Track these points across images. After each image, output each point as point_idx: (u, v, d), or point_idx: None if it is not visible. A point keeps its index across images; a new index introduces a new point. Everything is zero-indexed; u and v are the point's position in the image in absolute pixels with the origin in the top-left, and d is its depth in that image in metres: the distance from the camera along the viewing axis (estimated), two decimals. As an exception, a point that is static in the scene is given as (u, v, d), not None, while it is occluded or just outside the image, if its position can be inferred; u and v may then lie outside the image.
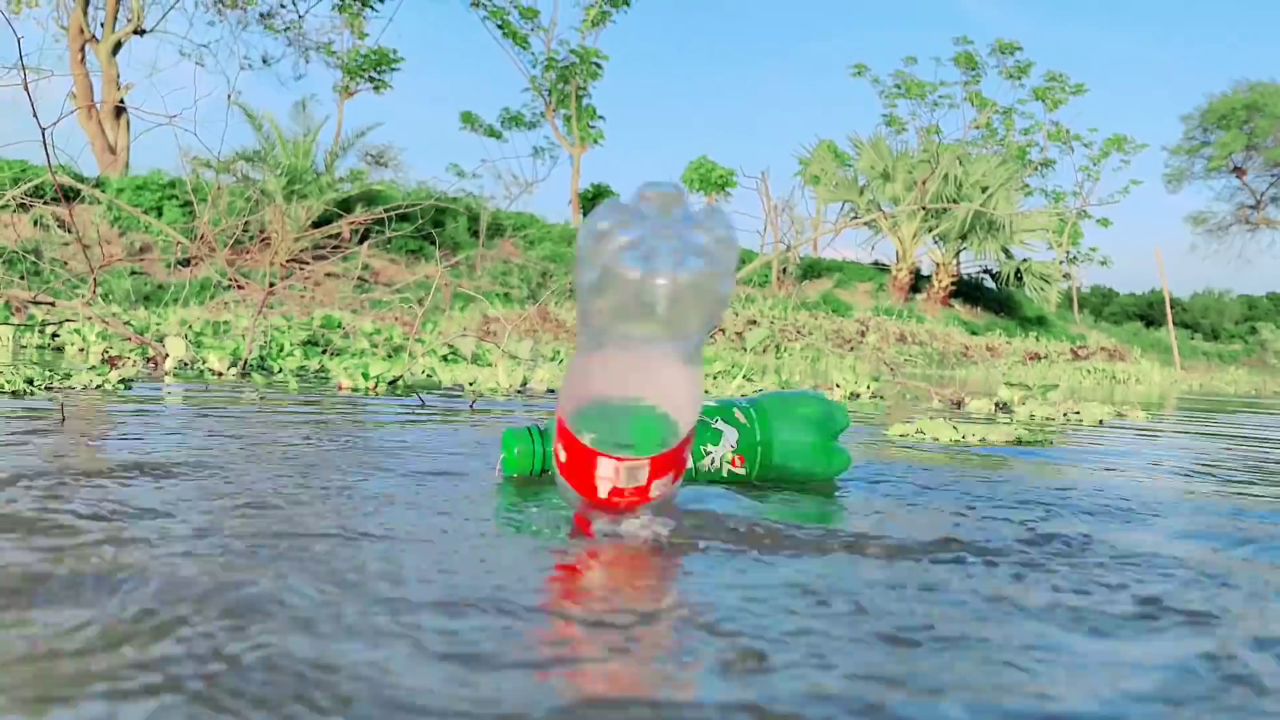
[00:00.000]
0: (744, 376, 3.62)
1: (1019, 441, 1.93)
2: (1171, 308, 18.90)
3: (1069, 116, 29.49)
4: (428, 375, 3.31)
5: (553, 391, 3.03)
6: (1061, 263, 21.50)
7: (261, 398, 2.27)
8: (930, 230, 18.40)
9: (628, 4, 22.14)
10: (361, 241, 12.00)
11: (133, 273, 11.24)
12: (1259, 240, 33.12)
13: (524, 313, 7.46)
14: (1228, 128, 28.33)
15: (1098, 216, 28.38)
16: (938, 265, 18.81)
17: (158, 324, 4.85)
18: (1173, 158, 30.23)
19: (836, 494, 1.19)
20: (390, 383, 2.82)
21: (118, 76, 16.87)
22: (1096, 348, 16.70)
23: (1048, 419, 2.76)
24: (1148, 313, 33.67)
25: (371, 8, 20.59)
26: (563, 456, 0.87)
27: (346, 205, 13.41)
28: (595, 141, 22.53)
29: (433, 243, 14.29)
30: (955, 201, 17.16)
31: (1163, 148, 31.10)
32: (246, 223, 9.66)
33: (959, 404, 3.18)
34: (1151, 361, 15.98)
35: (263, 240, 10.59)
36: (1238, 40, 66.92)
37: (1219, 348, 25.19)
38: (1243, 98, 27.96)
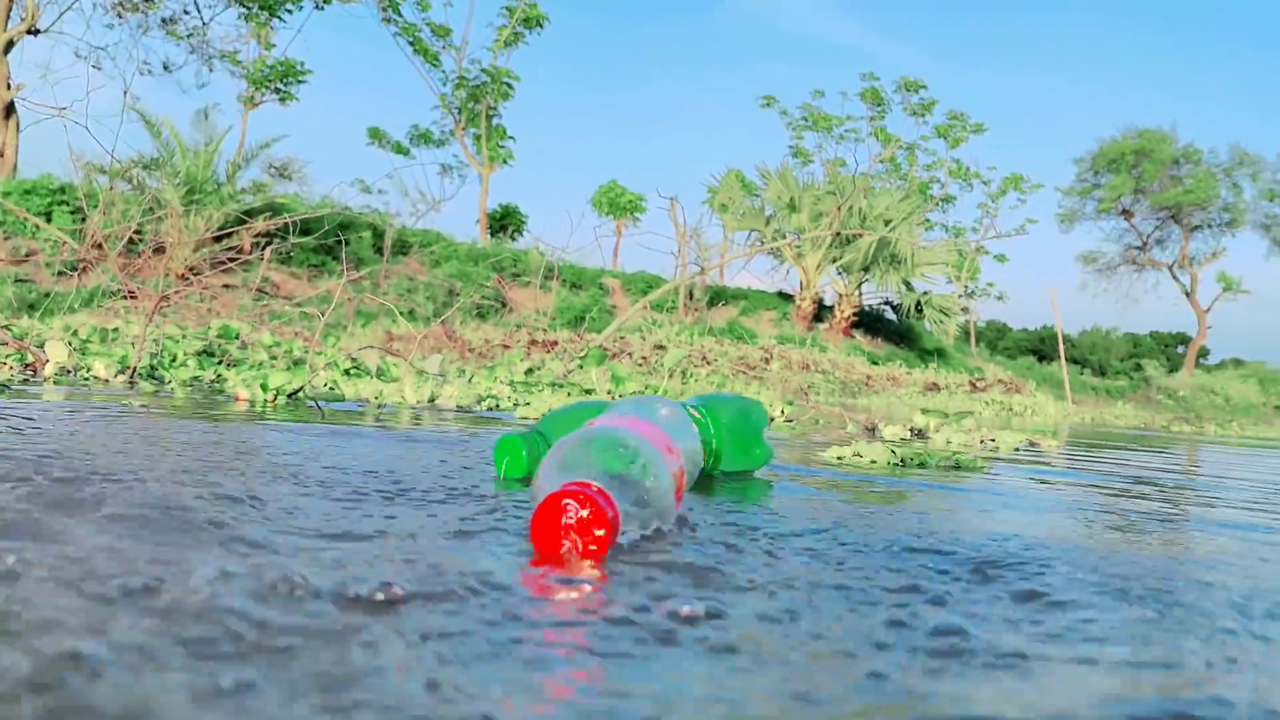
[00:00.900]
0: (657, 397, 3.55)
1: (957, 466, 1.91)
2: (1063, 344, 19.52)
3: (969, 154, 30.33)
4: (330, 388, 3.17)
5: (462, 408, 2.93)
6: (960, 296, 22.05)
7: (142, 405, 2.12)
8: (834, 261, 18.68)
9: (541, 26, 22.10)
10: (263, 252, 11.67)
11: (16, 280, 10.73)
12: (1145, 280, 34.32)
13: (428, 330, 7.30)
14: (1117, 171, 29.47)
15: (995, 253, 29.20)
16: (840, 296, 19.08)
17: (40, 331, 4.59)
18: (1065, 198, 31.33)
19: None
20: (290, 395, 2.68)
21: (8, 76, 16.18)
22: (994, 380, 17.11)
23: (964, 446, 2.75)
24: (1040, 347, 34.76)
25: (279, 18, 20.16)
26: None
27: (248, 216, 13.03)
28: (505, 161, 22.38)
29: (336, 257, 13.99)
30: (860, 232, 17.47)
31: (1056, 188, 32.17)
32: (140, 229, 9.31)
33: (873, 429, 3.17)
34: (1045, 395, 16.43)
35: (158, 249, 10.22)
36: (1128, 89, 69.94)
37: (1106, 383, 26.06)
38: (1131, 143, 29.14)
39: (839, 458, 1.97)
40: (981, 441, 2.88)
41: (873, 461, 1.90)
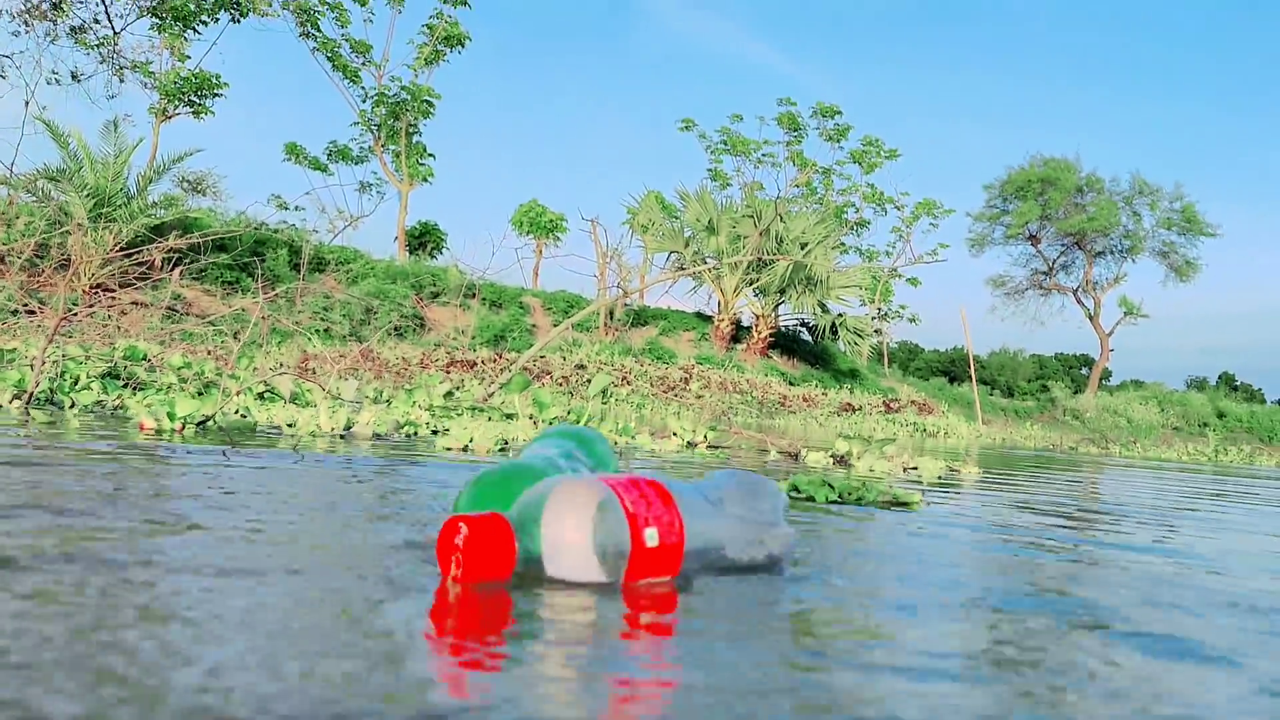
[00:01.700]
0: (583, 423, 3.53)
1: (895, 501, 1.92)
2: (974, 365, 19.94)
3: (883, 180, 30.95)
4: (242, 415, 3.08)
5: (380, 436, 2.87)
6: (873, 318, 22.41)
7: (25, 436, 2.04)
8: (751, 283, 18.87)
9: (462, 45, 22.01)
10: (174, 269, 11.38)
11: (-92, 293, 10.30)
12: (1051, 304, 35.37)
13: (345, 350, 7.18)
14: (1024, 198, 30.32)
15: (908, 275, 29.78)
16: (757, 317, 19.28)
17: (-66, 350, 4.40)
18: (975, 224, 32.13)
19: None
20: (199, 423, 2.60)
21: (-98, 81, 15.57)
22: (907, 401, 17.41)
23: (887, 473, 2.78)
24: (950, 368, 35.53)
25: (194, 29, 19.74)
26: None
27: (159, 231, 12.69)
28: (425, 179, 22.19)
29: (251, 274, 13.70)
30: (777, 255, 17.66)
31: (967, 214, 33.00)
32: (44, 244, 9.01)
33: (795, 456, 3.18)
34: (957, 415, 16.76)
35: (63, 264, 9.89)
36: (1035, 119, 72.07)
37: (1014, 404, 26.71)
38: (1038, 171, 30.03)
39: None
40: (905, 469, 2.91)
41: (810, 498, 1.89)
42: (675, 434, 3.49)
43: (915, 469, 2.86)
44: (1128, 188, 30.21)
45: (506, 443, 2.80)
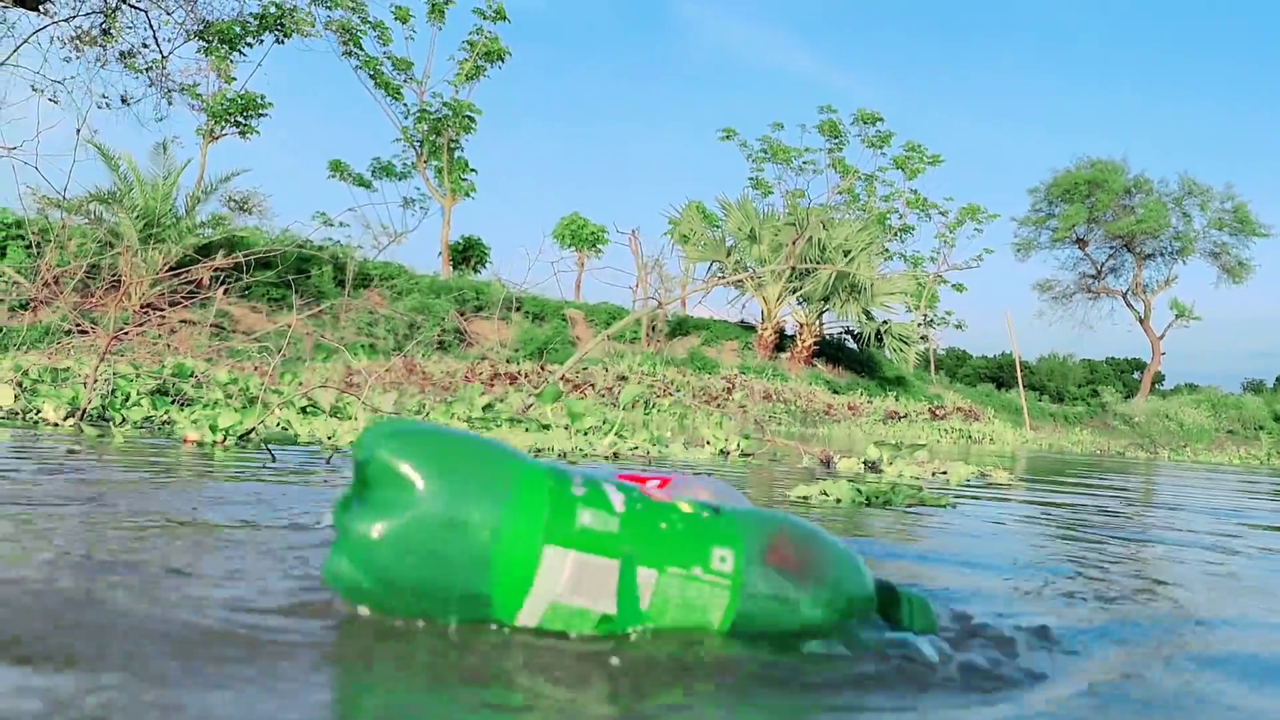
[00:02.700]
0: (615, 433, 3.56)
1: (921, 503, 1.93)
2: (1021, 370, 19.72)
3: (926, 185, 30.73)
4: (283, 428, 3.16)
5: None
6: (919, 325, 22.25)
7: (68, 450, 2.11)
8: (794, 291, 18.83)
9: (502, 60, 22.21)
10: (222, 288, 11.59)
11: (-30, 316, 10.59)
12: (1100, 308, 34.88)
13: (389, 364, 7.27)
14: (1071, 201, 29.93)
15: (953, 281, 29.55)
16: (801, 325, 19.22)
17: (-10, 370, 4.53)
18: (1021, 228, 31.77)
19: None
20: (241, 436, 2.67)
21: (-39, 110, 16.04)
22: (952, 408, 17.28)
23: (916, 478, 2.79)
24: (999, 374, 35.12)
25: (239, 51, 20.11)
26: None
27: (207, 251, 12.94)
28: (467, 194, 22.40)
29: (297, 291, 13.91)
30: (819, 263, 17.62)
31: (1012, 218, 32.63)
32: (95, 265, 9.22)
33: (828, 463, 3.20)
34: (1004, 422, 16.60)
35: (113, 284, 10.12)
36: (1082, 120, 71.24)
37: (1064, 409, 26.36)
38: (1085, 174, 29.64)
39: (804, 496, 1.99)
40: (933, 474, 2.91)
41: (838, 500, 1.92)
42: (708, 442, 3.51)
43: (944, 473, 2.86)
44: (1177, 188, 29.73)
45: (540, 452, 2.85)
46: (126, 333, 5.65)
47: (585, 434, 3.56)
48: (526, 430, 3.66)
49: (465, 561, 0.71)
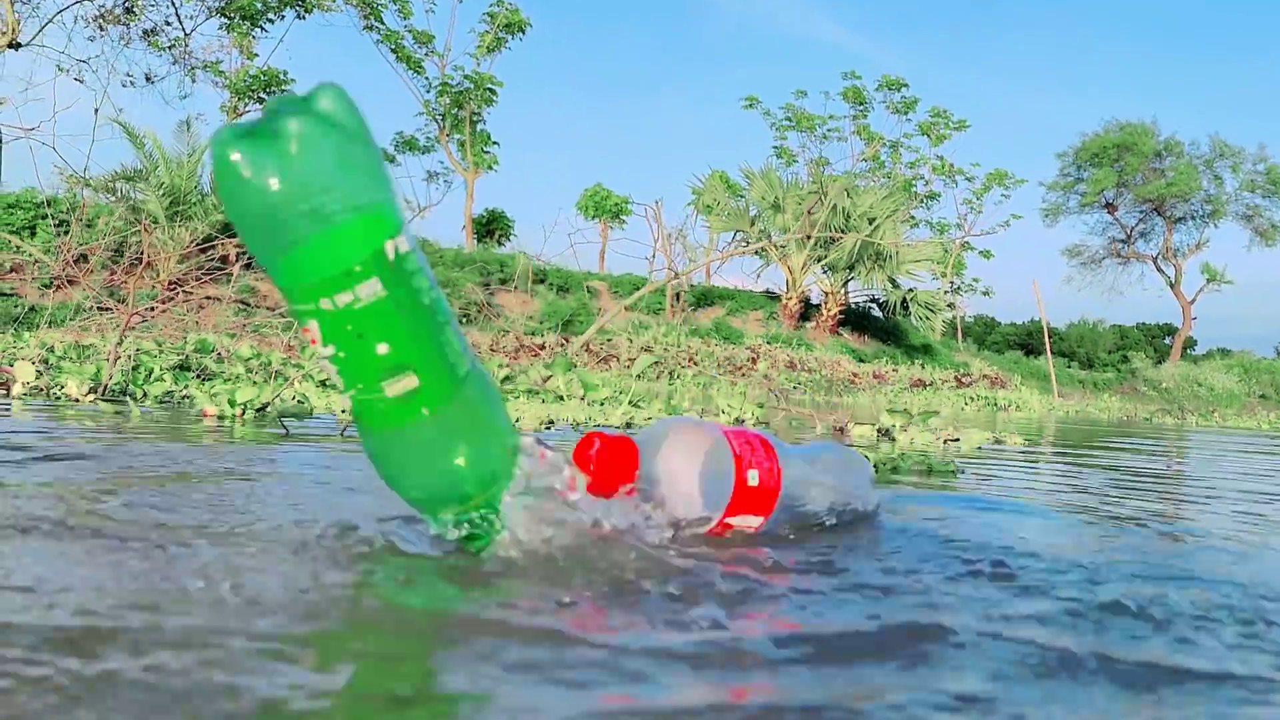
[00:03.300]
0: (630, 403, 3.58)
1: (929, 471, 1.94)
2: (1049, 337, 19.58)
3: (952, 151, 30.34)
4: (299, 402, 3.19)
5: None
6: (946, 293, 22.09)
7: (86, 425, 2.14)
8: (819, 260, 18.74)
9: (523, 31, 22.14)
10: (247, 264, 11.68)
11: (2, 295, 10.73)
12: (1130, 273, 34.65)
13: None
14: (1100, 165, 29.58)
15: (980, 248, 29.30)
16: (826, 294, 19.15)
17: (17, 348, 4.60)
18: (1049, 193, 31.45)
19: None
20: (259, 410, 2.70)
21: (-12, 90, 16.16)
22: (979, 375, 17.20)
23: (929, 445, 2.79)
24: (1027, 341, 34.85)
25: (261, 28, 20.16)
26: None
27: (232, 227, 13.03)
28: (490, 167, 22.40)
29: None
30: (844, 231, 17.52)
31: (1040, 183, 32.29)
32: (122, 243, 9.31)
33: (842, 430, 3.20)
34: (1031, 389, 16.50)
35: (139, 261, 10.22)
36: (1110, 82, 70.23)
37: (1093, 375, 26.16)
38: (1114, 137, 29.26)
39: None
40: (945, 441, 2.91)
41: None
42: (723, 411, 3.52)
43: (957, 440, 2.86)
44: (1208, 150, 29.31)
45: (553, 422, 2.87)
46: (152, 309, 5.71)
47: (600, 404, 3.58)
48: (543, 401, 3.69)
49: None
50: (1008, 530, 1.22)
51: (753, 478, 1.03)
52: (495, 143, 22.58)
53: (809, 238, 17.37)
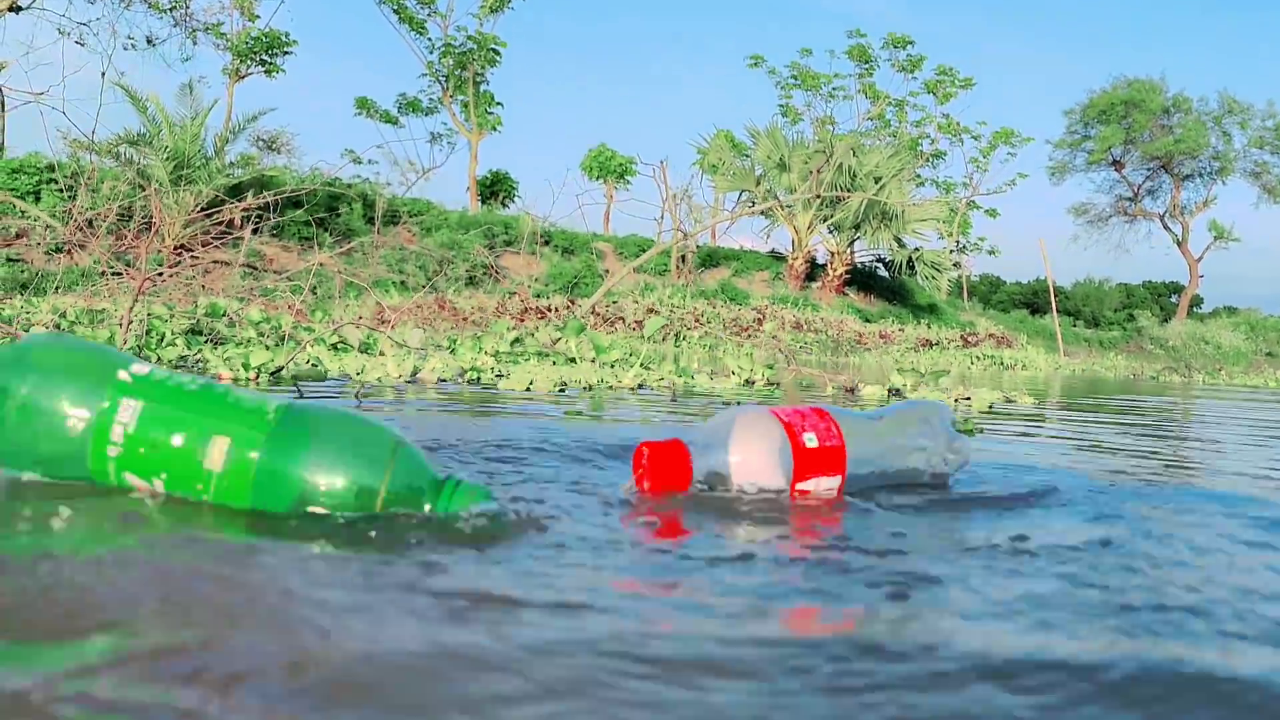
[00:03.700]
0: (641, 365, 3.60)
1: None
2: (1055, 296, 19.53)
3: (959, 110, 30.18)
4: (313, 365, 3.21)
5: (444, 380, 2.97)
6: (952, 252, 22.01)
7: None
8: (825, 220, 18.66)
9: (526, -10, 21.97)
10: (254, 229, 11.68)
11: (8, 260, 10.74)
12: (1136, 231, 34.35)
13: (420, 300, 7.32)
14: (1107, 122, 29.34)
15: (986, 206, 29.15)
16: (832, 254, 19.09)
17: (30, 313, 4.62)
18: (1056, 151, 31.23)
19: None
20: (273, 373, 2.73)
21: (-10, 54, 16.07)
22: (985, 335, 17.17)
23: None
24: (1033, 300, 34.79)
25: (262, -12, 20.02)
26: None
27: (237, 191, 13.01)
28: (493, 128, 22.30)
29: (327, 229, 13.97)
30: (850, 191, 17.44)
31: (1046, 141, 32.09)
32: (129, 207, 9.30)
33: (852, 390, 3.22)
34: (1037, 348, 16.49)
35: (146, 226, 10.22)
36: (1118, 39, 69.50)
37: (1099, 334, 26.13)
38: (1121, 94, 29.00)
39: None
40: (956, 400, 2.93)
41: None
42: (733, 372, 3.54)
43: (968, 399, 2.87)
44: (1217, 107, 29.05)
45: (565, 385, 2.89)
46: (161, 274, 5.72)
47: (611, 366, 3.60)
48: (554, 364, 3.70)
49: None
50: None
51: (810, 440, 1.06)
52: (499, 104, 22.47)
53: (818, 197, 17.30)
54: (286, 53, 20.74)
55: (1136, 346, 21.11)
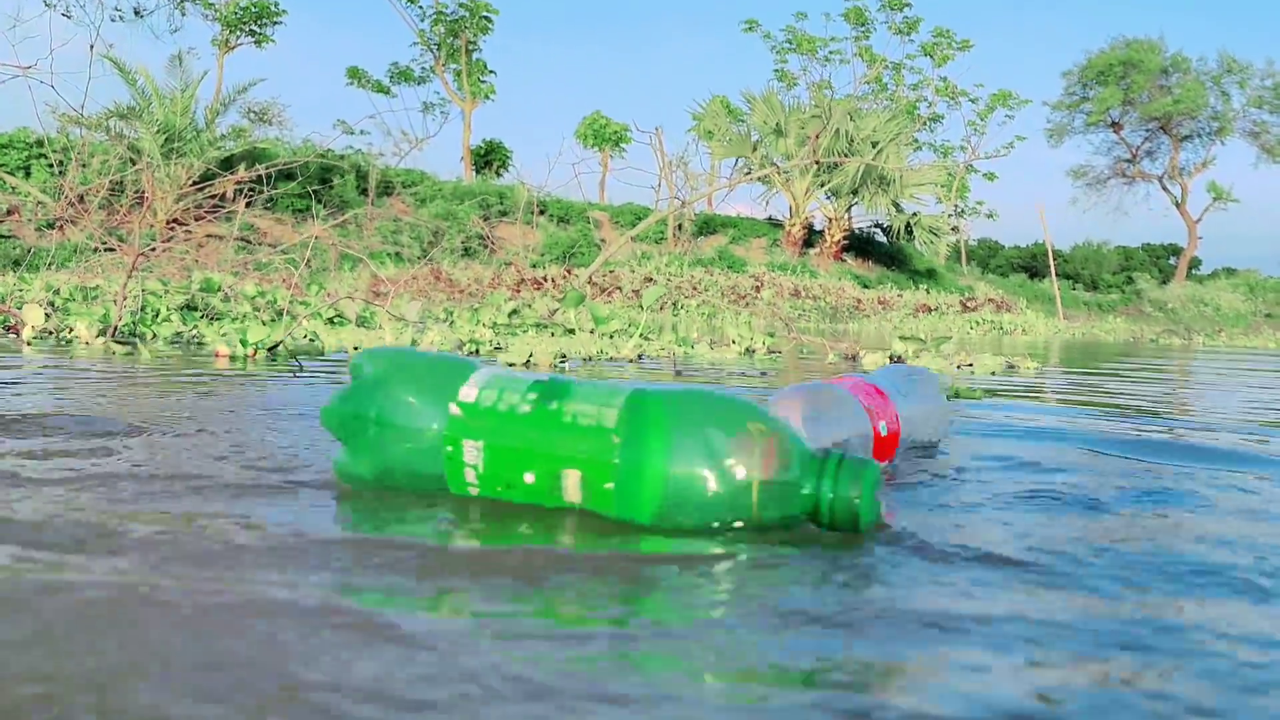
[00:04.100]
0: (641, 335, 3.57)
1: (955, 395, 1.93)
2: (1054, 260, 19.49)
3: (956, 72, 29.98)
4: (310, 340, 3.18)
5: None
6: (950, 216, 21.93)
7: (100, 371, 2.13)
8: (822, 185, 18.58)
9: (517, -44, 21.72)
10: (246, 202, 11.61)
11: (0, 236, 10.67)
12: (1135, 193, 34.40)
13: (416, 272, 7.28)
14: (1105, 83, 29.18)
15: (984, 170, 29.02)
16: (830, 220, 19.01)
17: (22, 290, 4.58)
18: (1054, 113, 31.08)
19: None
20: (270, 349, 2.69)
21: (-24, 28, 15.92)
22: (984, 299, 17.14)
23: (942, 371, 2.77)
24: (1031, 264, 34.71)
25: (250, -43, 19.80)
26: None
27: (229, 164, 12.91)
28: (487, 97, 22.15)
29: (320, 201, 13.89)
30: (847, 156, 17.34)
31: (1044, 103, 31.91)
32: (120, 182, 9.22)
33: (854, 358, 3.19)
34: (1036, 312, 16.47)
35: (138, 200, 10.15)
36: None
37: (1098, 297, 26.10)
38: (1120, 54, 28.81)
39: None
40: (958, 366, 2.90)
41: None
42: (734, 341, 3.51)
43: (970, 365, 2.85)
44: (1215, 66, 28.87)
45: (565, 357, 2.86)
46: (154, 249, 5.68)
47: (611, 337, 3.57)
48: (552, 335, 3.67)
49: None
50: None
51: (883, 429, 1.05)
52: (492, 72, 22.32)
53: (817, 163, 17.20)
54: (276, 22, 20.55)
55: (1136, 309, 21.10)
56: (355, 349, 2.90)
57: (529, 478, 0.79)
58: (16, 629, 0.49)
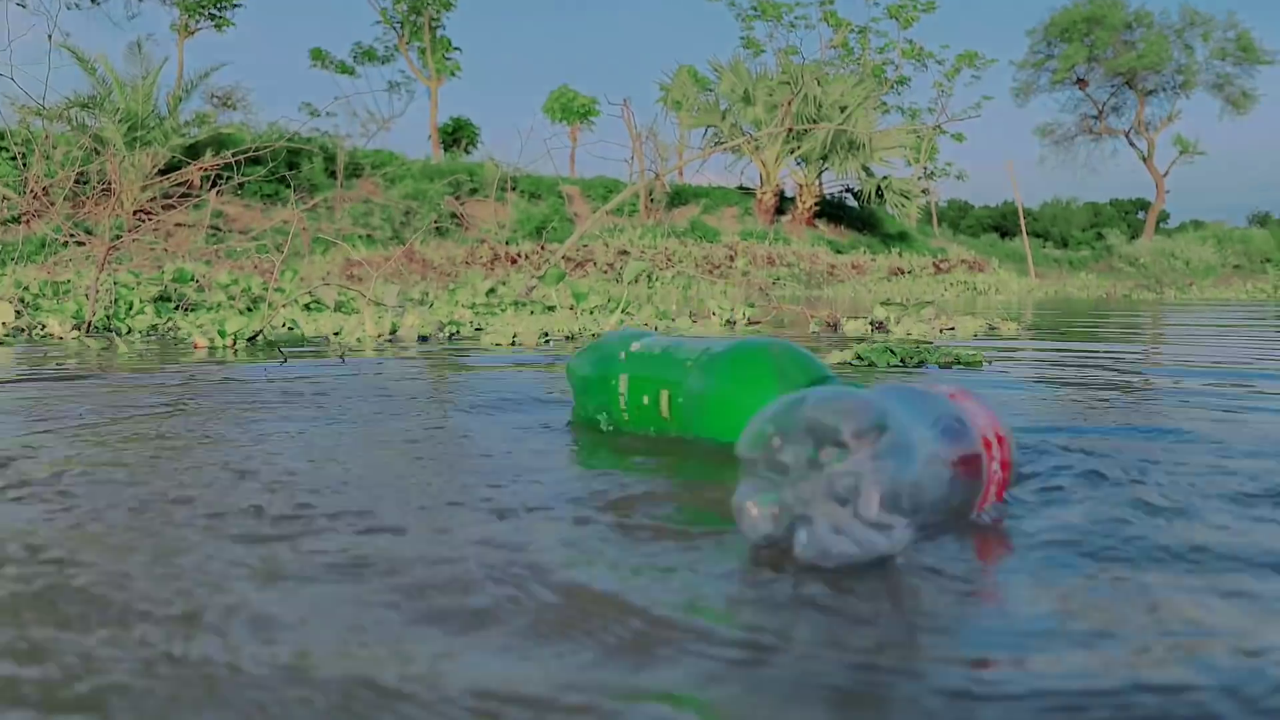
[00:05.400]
0: (622, 310, 3.56)
1: (957, 361, 1.94)
2: (1024, 218, 19.58)
3: (922, 34, 29.93)
4: (289, 328, 3.15)
5: (425, 339, 2.92)
6: (919, 178, 21.97)
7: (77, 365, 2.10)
8: (792, 152, 18.56)
9: (477, -71, 21.48)
10: (213, 188, 11.48)
11: (-38, 232, 10.52)
12: (1102, 149, 34.52)
13: (388, 254, 7.22)
14: (1070, 40, 29.26)
15: (953, 131, 29.05)
16: (801, 186, 19.01)
17: (-9, 287, 4.51)
18: (1020, 71, 31.16)
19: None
20: (250, 339, 2.67)
21: (-73, 20, 15.57)
22: (957, 260, 17.21)
23: (924, 335, 2.79)
24: (1002, 224, 34.86)
25: (205, -62, 19.49)
26: None
27: (195, 151, 12.76)
28: (452, 74, 21.96)
29: (288, 186, 13.76)
30: (815, 122, 17.31)
31: (1010, 62, 31.96)
32: (83, 173, 9.10)
33: (835, 326, 3.20)
34: (1008, 271, 16.56)
35: (104, 191, 10.01)
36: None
37: (1069, 254, 26.25)
38: (1083, 10, 28.87)
39: (838, 363, 1.99)
40: (941, 330, 2.91)
41: (871, 364, 1.92)
42: (714, 313, 3.51)
43: (952, 329, 2.86)
44: (1178, 20, 29.01)
45: (548, 334, 2.85)
46: (123, 240, 5.61)
47: (591, 313, 3.56)
48: (532, 313, 3.66)
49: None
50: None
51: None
52: (456, 49, 22.13)
53: (791, 130, 17.17)
54: (235, 5, 20.26)
55: (1106, 265, 21.23)
56: (335, 335, 2.88)
57: (645, 400, 1.07)
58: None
